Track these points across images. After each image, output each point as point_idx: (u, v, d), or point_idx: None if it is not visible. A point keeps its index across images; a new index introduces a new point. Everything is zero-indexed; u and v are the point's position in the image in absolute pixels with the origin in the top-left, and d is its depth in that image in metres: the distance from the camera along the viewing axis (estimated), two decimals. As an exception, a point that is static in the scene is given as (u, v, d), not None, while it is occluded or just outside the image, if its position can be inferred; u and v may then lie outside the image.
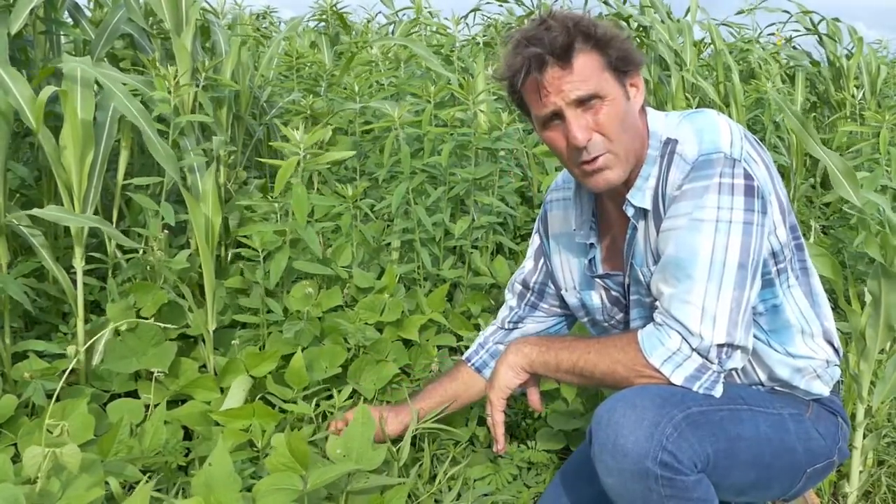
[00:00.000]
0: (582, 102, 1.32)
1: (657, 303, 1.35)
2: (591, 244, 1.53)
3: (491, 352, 1.77)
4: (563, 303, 1.70)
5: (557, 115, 1.34)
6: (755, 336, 1.40)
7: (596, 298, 1.58)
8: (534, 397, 1.55)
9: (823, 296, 1.51)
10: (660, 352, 1.30)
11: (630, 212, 1.41)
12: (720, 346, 1.27)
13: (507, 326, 1.77)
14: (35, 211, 1.88)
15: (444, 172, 2.44)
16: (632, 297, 1.50)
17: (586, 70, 1.32)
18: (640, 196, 1.40)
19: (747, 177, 1.29)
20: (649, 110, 1.43)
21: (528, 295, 1.73)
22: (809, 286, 1.48)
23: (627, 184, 1.41)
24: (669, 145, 1.37)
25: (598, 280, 1.56)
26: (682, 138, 1.36)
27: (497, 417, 1.51)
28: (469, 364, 1.79)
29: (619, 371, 1.34)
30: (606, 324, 1.61)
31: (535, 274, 1.72)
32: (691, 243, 1.29)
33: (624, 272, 1.50)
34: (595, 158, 1.35)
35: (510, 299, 1.77)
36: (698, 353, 1.28)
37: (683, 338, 1.28)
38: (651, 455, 1.23)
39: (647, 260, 1.42)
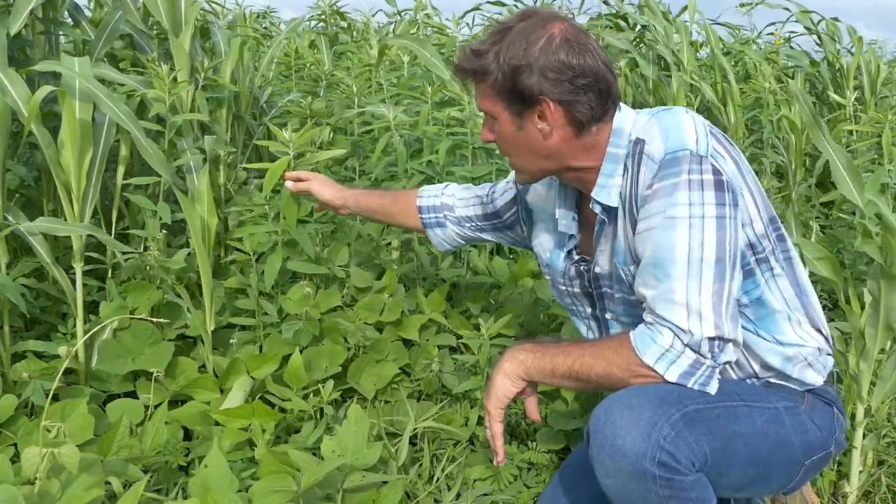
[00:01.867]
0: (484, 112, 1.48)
1: (643, 304, 1.36)
2: (572, 235, 1.57)
3: (439, 220, 1.88)
4: (516, 239, 1.81)
5: None
6: (744, 327, 1.41)
7: (561, 263, 1.61)
8: (531, 406, 1.53)
9: (809, 285, 1.52)
10: (653, 350, 1.30)
11: (597, 209, 1.45)
12: (711, 339, 1.28)
13: (464, 213, 1.86)
14: (25, 225, 1.88)
15: (440, 171, 2.44)
16: (616, 295, 1.52)
17: (481, 91, 1.45)
18: (606, 194, 1.42)
19: (715, 172, 1.31)
20: (622, 107, 1.45)
21: (494, 220, 1.82)
22: (795, 276, 1.49)
23: (588, 183, 1.45)
24: (638, 145, 1.39)
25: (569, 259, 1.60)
26: (650, 138, 1.37)
27: (496, 429, 1.49)
28: (418, 204, 1.89)
29: (614, 372, 1.34)
30: (564, 287, 1.63)
31: (507, 212, 1.79)
32: (667, 242, 1.30)
33: (592, 260, 1.53)
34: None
35: (477, 205, 1.84)
36: (691, 349, 1.29)
37: (675, 334, 1.28)
38: (649, 455, 1.23)
39: (627, 260, 1.44)
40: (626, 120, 1.43)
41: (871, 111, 3.92)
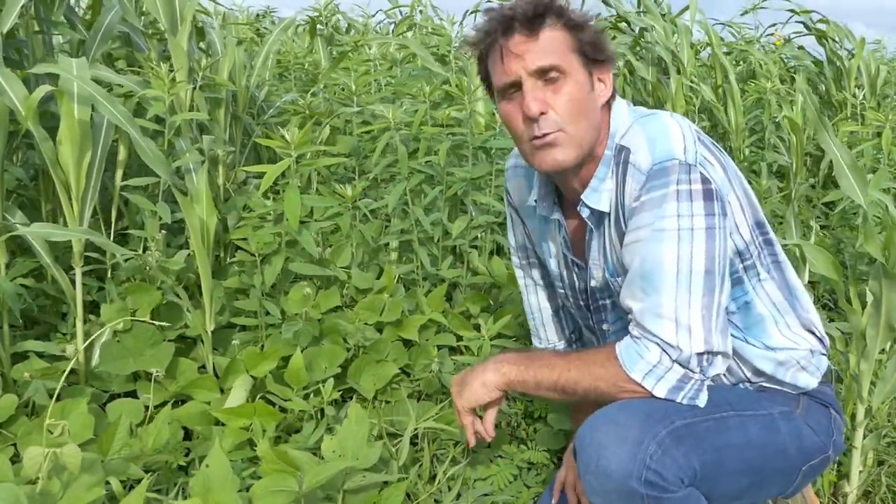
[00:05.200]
0: (543, 74, 1.31)
1: (629, 316, 1.33)
2: (559, 221, 1.51)
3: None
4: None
5: (516, 86, 1.33)
6: (732, 335, 1.39)
7: (567, 275, 1.59)
8: (489, 420, 1.52)
9: (800, 286, 1.49)
10: (640, 366, 1.27)
11: (585, 213, 1.40)
12: (700, 354, 1.26)
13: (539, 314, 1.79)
14: (22, 230, 1.87)
15: (440, 172, 2.44)
16: (604, 302, 1.50)
17: (553, 43, 1.31)
18: (596, 198, 1.38)
19: (704, 181, 1.27)
20: (615, 106, 1.40)
21: (527, 258, 1.75)
22: (784, 279, 1.46)
23: (582, 183, 1.40)
24: (623, 153, 1.34)
25: (566, 261, 1.56)
26: (635, 147, 1.32)
27: (466, 421, 1.51)
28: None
29: (601, 387, 1.32)
30: (571, 300, 1.60)
31: (514, 238, 1.74)
32: (656, 255, 1.27)
33: (585, 267, 1.49)
34: (545, 135, 1.33)
35: (518, 276, 1.78)
36: (679, 364, 1.26)
37: (662, 350, 1.26)
38: (635, 475, 1.20)
39: (617, 271, 1.41)
40: (619, 122, 1.39)
41: (872, 111, 3.91)
